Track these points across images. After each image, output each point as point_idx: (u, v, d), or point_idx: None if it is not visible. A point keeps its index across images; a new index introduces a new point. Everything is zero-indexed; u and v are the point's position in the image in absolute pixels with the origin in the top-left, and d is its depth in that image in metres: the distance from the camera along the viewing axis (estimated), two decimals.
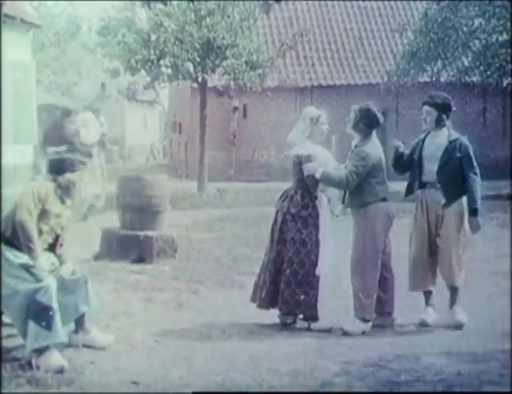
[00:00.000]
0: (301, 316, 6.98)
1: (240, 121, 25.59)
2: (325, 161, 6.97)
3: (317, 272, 6.83)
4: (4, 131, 13.11)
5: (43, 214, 5.83)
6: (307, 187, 6.94)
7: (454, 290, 7.08)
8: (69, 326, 5.97)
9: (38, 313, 5.51)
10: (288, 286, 6.85)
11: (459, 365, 5.78)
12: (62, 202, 5.99)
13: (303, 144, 6.99)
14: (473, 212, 6.92)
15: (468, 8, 19.99)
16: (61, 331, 5.61)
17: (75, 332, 6.06)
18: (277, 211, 7.07)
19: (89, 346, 5.99)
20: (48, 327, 5.51)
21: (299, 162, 6.95)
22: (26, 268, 5.66)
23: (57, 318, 5.57)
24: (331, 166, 7.03)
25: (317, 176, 6.82)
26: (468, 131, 7.82)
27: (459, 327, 6.92)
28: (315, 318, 6.91)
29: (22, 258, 5.72)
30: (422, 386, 5.38)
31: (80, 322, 6.04)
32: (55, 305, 5.56)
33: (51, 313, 5.51)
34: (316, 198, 6.96)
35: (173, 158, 33.55)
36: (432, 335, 6.78)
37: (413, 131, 8.32)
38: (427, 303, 7.18)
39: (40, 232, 5.84)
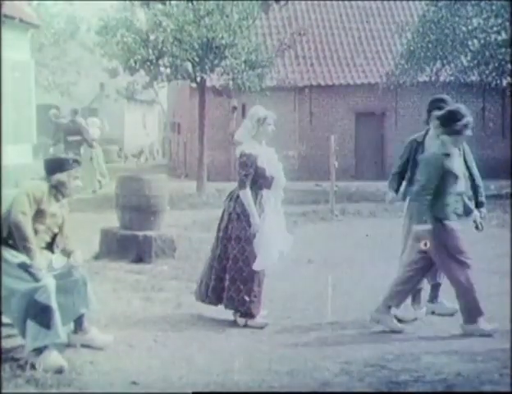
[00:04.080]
0: (239, 313, 6.98)
1: (239, 121, 25.44)
2: (268, 161, 6.98)
3: (253, 267, 6.84)
4: (3, 131, 13.10)
5: (39, 214, 5.84)
6: (253, 186, 6.94)
7: (436, 287, 7.40)
8: (68, 326, 5.97)
9: (37, 312, 5.51)
10: (233, 284, 6.89)
11: (459, 365, 5.79)
12: (57, 201, 6.00)
13: (248, 144, 7.01)
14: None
15: (467, 8, 19.98)
16: (61, 330, 5.61)
17: (74, 332, 6.06)
18: (224, 210, 7.12)
19: (88, 346, 6.00)
20: (47, 326, 5.51)
21: (244, 162, 6.93)
22: (24, 267, 5.67)
23: (56, 317, 5.57)
24: (274, 166, 7.02)
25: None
26: None
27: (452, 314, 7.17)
28: (253, 316, 6.92)
29: (20, 257, 5.72)
30: (422, 386, 5.39)
31: (79, 323, 6.05)
32: (54, 305, 5.57)
33: (50, 312, 5.51)
34: (262, 196, 6.97)
35: (172, 157, 33.51)
36: (431, 335, 6.77)
37: (413, 131, 8.29)
38: (413, 301, 7.26)
39: (36, 232, 5.84)
